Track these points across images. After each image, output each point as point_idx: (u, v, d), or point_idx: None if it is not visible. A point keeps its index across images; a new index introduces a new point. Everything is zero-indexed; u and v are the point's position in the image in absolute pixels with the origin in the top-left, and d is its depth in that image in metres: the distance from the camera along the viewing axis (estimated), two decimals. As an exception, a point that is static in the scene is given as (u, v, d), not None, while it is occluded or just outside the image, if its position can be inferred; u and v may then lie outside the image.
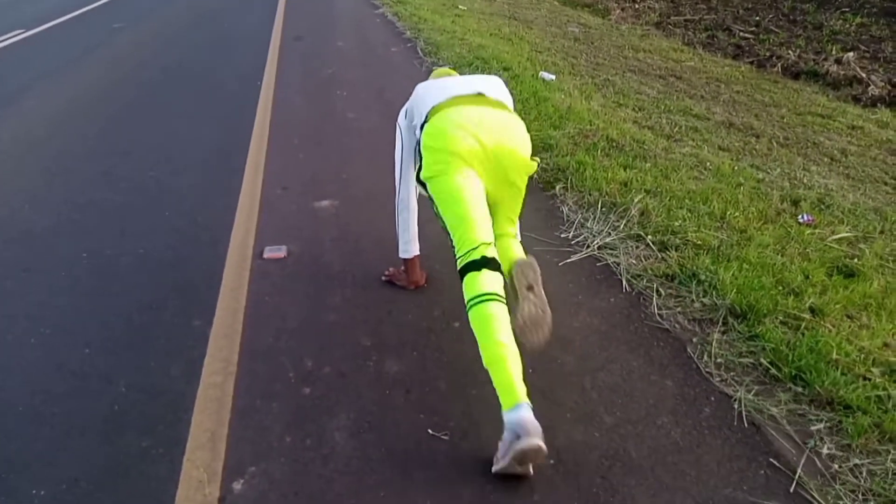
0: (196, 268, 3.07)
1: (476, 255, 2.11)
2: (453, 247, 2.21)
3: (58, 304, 2.80)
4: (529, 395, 1.91)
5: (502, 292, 2.08)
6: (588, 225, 3.41)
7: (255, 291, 2.86)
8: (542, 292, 2.19)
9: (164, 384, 2.32)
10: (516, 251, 2.41)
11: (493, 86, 2.45)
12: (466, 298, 2.08)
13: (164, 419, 2.16)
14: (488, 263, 2.10)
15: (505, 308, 2.05)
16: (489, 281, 2.07)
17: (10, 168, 4.33)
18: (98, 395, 2.27)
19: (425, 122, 2.31)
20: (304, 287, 2.90)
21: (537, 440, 1.78)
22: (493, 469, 1.90)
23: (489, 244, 2.15)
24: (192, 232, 3.41)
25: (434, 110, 2.29)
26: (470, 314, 2.05)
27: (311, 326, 2.63)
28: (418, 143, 2.35)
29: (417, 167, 2.35)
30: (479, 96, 2.32)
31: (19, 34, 9.20)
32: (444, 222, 2.27)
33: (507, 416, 1.86)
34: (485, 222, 2.19)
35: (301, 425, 2.13)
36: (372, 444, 2.05)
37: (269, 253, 3.16)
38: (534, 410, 1.86)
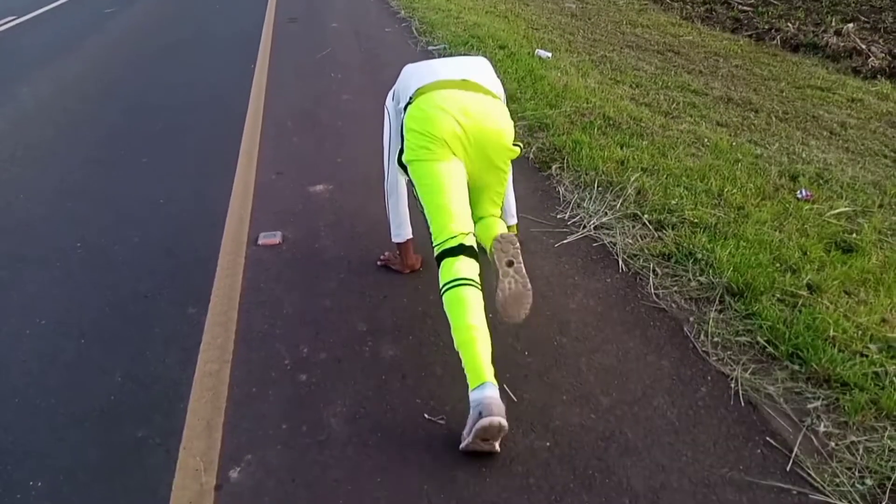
0: (191, 255, 3.05)
1: (454, 244, 2.14)
2: (430, 233, 2.23)
3: (53, 295, 2.79)
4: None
5: (477, 279, 2.10)
6: (584, 205, 3.39)
7: (250, 278, 2.85)
8: (523, 267, 2.19)
9: (160, 373, 2.31)
10: (499, 228, 2.43)
11: (480, 70, 2.42)
12: (441, 283, 2.11)
13: (160, 409, 2.15)
14: (465, 251, 2.13)
15: (479, 293, 2.07)
16: (464, 267, 2.10)
17: (4, 157, 4.30)
18: (94, 385, 2.26)
19: (409, 103, 2.30)
20: (300, 273, 2.89)
21: (499, 418, 1.81)
22: (461, 447, 1.92)
23: (467, 234, 2.17)
24: (186, 219, 3.39)
25: (419, 92, 2.29)
26: (444, 298, 2.09)
27: (306, 312, 2.62)
28: (402, 124, 2.35)
29: (399, 148, 2.34)
30: (465, 81, 2.30)
31: (11, 20, 9.12)
32: (422, 207, 2.28)
33: (472, 395, 1.90)
34: (464, 212, 2.21)
35: (297, 412, 2.12)
36: (368, 430, 2.05)
37: (263, 239, 3.14)
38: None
